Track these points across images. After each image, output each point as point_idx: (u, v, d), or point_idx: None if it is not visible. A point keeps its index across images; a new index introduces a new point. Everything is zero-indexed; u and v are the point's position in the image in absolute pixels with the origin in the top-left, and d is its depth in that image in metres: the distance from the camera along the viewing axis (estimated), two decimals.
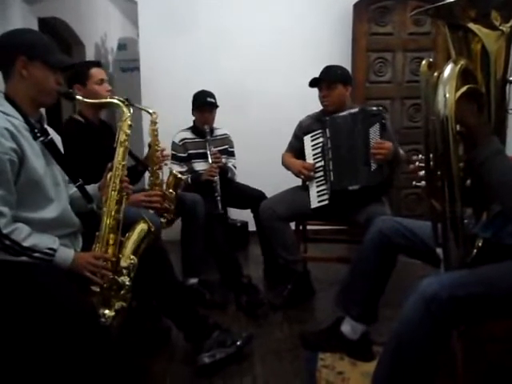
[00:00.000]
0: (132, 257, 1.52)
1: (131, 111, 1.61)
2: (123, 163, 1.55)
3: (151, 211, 2.03)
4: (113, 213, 1.50)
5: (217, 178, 2.52)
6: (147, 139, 3.10)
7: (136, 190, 2.08)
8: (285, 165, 2.48)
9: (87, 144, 1.98)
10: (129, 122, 1.57)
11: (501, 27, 1.10)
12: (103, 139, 1.99)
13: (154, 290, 1.74)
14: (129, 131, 1.57)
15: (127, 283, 1.46)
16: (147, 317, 1.97)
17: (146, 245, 1.59)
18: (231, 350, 1.77)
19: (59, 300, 1.26)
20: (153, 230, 1.59)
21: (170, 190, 2.19)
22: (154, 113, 2.20)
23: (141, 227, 1.58)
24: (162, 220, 2.14)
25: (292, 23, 3.36)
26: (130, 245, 1.54)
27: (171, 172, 2.26)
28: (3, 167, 1.26)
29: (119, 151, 1.55)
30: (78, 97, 1.56)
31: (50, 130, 1.54)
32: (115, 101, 1.62)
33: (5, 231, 1.26)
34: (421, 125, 1.22)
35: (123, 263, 1.50)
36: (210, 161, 2.56)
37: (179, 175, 2.25)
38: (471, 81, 1.14)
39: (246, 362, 1.82)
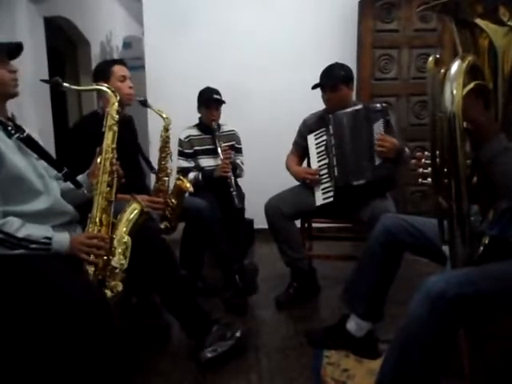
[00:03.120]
0: (126, 236, 1.52)
1: (118, 97, 1.61)
2: (112, 146, 1.57)
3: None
4: (104, 194, 1.51)
5: (230, 174, 2.52)
6: (153, 139, 3.14)
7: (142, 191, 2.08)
8: (288, 171, 2.48)
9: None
10: (115, 108, 1.59)
11: (509, 23, 1.09)
12: (121, 133, 1.97)
13: (158, 285, 1.75)
14: (116, 116, 1.59)
15: (122, 262, 1.47)
16: (147, 314, 1.98)
17: (139, 225, 1.59)
18: (232, 342, 1.78)
19: (68, 290, 1.28)
20: (145, 210, 1.60)
21: (173, 200, 2.17)
22: (167, 118, 2.17)
23: (133, 207, 1.59)
24: (162, 226, 2.13)
25: (298, 20, 3.34)
26: (122, 224, 1.55)
27: (176, 182, 2.22)
28: None
29: (108, 135, 1.58)
30: (65, 84, 1.54)
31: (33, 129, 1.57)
32: (103, 88, 1.62)
33: None
34: (427, 122, 1.22)
35: (116, 243, 1.50)
36: (222, 156, 2.55)
37: (185, 185, 2.20)
38: (479, 77, 1.14)
39: (252, 359, 1.82)
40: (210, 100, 2.64)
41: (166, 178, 2.18)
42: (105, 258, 1.45)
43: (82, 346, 1.27)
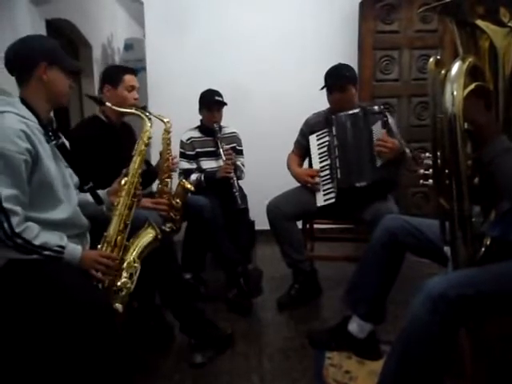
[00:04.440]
0: (136, 260, 1.54)
1: (151, 124, 1.75)
2: (139, 171, 1.64)
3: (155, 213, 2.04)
4: (123, 216, 1.55)
5: (233, 175, 2.53)
6: (156, 142, 3.14)
7: (145, 194, 2.09)
8: (289, 171, 2.48)
9: (106, 143, 2.00)
10: (148, 135, 1.72)
11: (509, 24, 1.10)
12: (122, 141, 1.99)
13: (159, 285, 1.78)
14: (148, 142, 1.71)
15: (128, 285, 1.49)
16: (150, 316, 1.99)
17: (149, 251, 1.61)
18: (220, 347, 1.84)
19: (75, 294, 1.30)
20: (159, 237, 1.62)
21: (177, 200, 2.19)
22: (168, 122, 2.17)
23: (148, 232, 1.62)
24: (167, 229, 2.13)
25: (299, 22, 3.35)
26: (136, 248, 1.57)
27: (180, 182, 2.25)
28: (19, 167, 1.30)
29: (137, 159, 1.65)
30: (108, 104, 1.72)
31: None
32: (139, 113, 1.81)
33: (17, 230, 1.29)
34: (428, 123, 1.22)
35: (126, 266, 1.52)
36: (224, 158, 2.56)
37: (188, 186, 2.23)
38: (479, 78, 1.14)
39: (254, 360, 1.82)
40: (211, 102, 2.65)
41: (169, 180, 2.19)
42: (111, 278, 1.47)
43: (85, 348, 1.28)
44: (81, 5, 3.73)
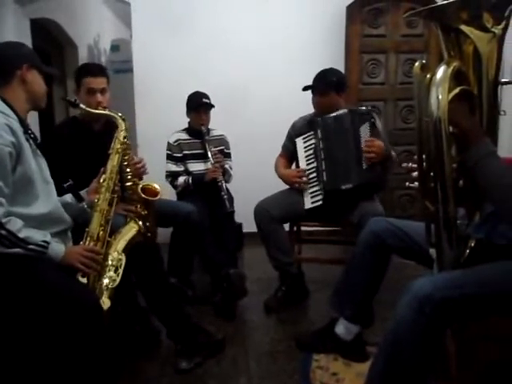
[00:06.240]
0: (121, 254, 1.55)
1: (127, 124, 1.76)
2: (117, 168, 1.68)
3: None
4: (104, 211, 1.57)
5: (221, 177, 2.52)
6: (141, 142, 3.12)
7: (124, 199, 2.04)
8: (277, 173, 2.49)
9: (83, 143, 1.97)
10: (123, 134, 1.74)
11: (493, 29, 1.11)
12: (102, 141, 1.93)
13: (145, 291, 1.76)
14: (123, 140, 1.74)
15: (114, 279, 1.49)
16: (136, 320, 1.97)
17: (133, 245, 1.63)
18: (209, 352, 1.82)
19: (62, 290, 1.31)
20: (142, 231, 1.65)
21: (145, 211, 1.87)
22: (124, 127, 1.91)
23: (131, 227, 1.66)
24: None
25: (286, 25, 3.36)
26: (119, 242, 1.58)
27: (141, 195, 1.86)
28: (4, 159, 1.31)
29: (114, 157, 1.69)
30: (82, 105, 1.76)
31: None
32: (112, 114, 1.81)
33: (2, 220, 1.29)
34: (414, 126, 1.24)
35: (111, 260, 1.53)
36: (212, 161, 2.55)
37: (153, 187, 1.91)
38: (464, 82, 1.15)
39: (241, 363, 1.82)
40: (198, 104, 2.64)
41: (135, 187, 1.91)
42: (96, 273, 1.47)
43: (73, 344, 1.28)
44: (67, 5, 3.70)
